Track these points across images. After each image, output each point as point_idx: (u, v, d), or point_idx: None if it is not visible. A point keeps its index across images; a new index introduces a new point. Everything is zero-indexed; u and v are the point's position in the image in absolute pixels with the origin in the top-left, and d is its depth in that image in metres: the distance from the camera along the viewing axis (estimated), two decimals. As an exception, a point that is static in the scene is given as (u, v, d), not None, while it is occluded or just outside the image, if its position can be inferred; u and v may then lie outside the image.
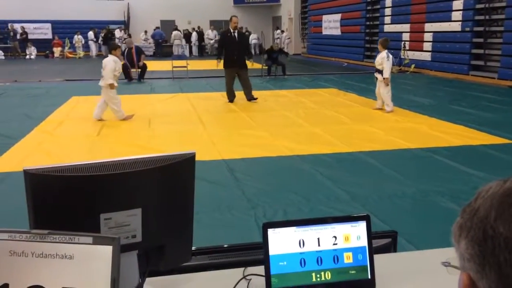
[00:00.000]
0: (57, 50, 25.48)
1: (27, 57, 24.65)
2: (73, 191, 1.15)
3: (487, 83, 13.01)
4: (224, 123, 8.04)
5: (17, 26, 25.49)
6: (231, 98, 10.11)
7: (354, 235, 1.34)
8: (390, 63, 8.75)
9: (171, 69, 14.57)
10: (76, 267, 0.99)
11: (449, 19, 14.74)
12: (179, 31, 26.51)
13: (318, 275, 1.31)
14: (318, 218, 1.35)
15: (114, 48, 8.29)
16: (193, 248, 1.43)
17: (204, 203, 3.98)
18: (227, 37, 10.15)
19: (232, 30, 10.06)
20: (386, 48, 8.78)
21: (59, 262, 0.99)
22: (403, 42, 16.69)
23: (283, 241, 1.30)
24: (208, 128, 7.46)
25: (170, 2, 28.07)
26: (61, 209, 1.15)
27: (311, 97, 10.65)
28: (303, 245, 1.31)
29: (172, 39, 26.03)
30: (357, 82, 13.43)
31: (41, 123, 7.82)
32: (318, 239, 1.32)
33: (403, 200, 4.30)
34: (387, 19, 18.31)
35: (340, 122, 7.91)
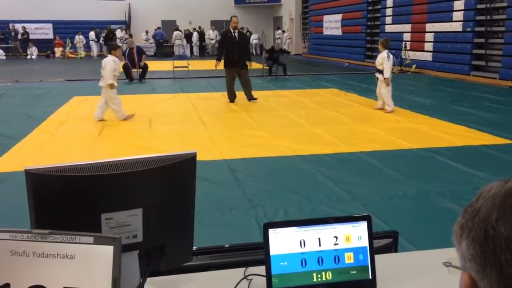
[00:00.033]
0: (58, 50, 25.52)
1: (28, 57, 24.69)
2: (74, 191, 1.15)
3: (488, 83, 13.00)
4: (225, 123, 8.04)
5: (19, 26, 25.52)
6: (231, 98, 10.11)
7: (355, 235, 1.34)
8: (390, 63, 8.75)
9: (172, 69, 14.58)
10: (77, 267, 0.99)
11: (450, 19, 14.73)
12: (180, 31, 26.52)
13: (319, 275, 1.31)
14: (319, 218, 1.35)
15: (114, 48, 8.30)
16: (194, 248, 1.43)
17: (205, 203, 3.98)
18: (227, 37, 10.14)
19: (232, 30, 10.06)
20: (387, 48, 8.78)
21: (60, 262, 1.00)
22: (404, 42, 16.67)
23: (284, 241, 1.30)
24: (209, 128, 7.46)
25: (171, 2, 28.10)
26: (62, 209, 1.15)
27: (312, 97, 10.64)
28: (304, 245, 1.31)
29: (173, 39, 26.05)
30: (358, 82, 13.43)
31: (42, 123, 7.83)
32: (319, 239, 1.32)
33: (404, 200, 4.30)
34: (388, 19, 18.30)
35: (341, 122, 7.91)
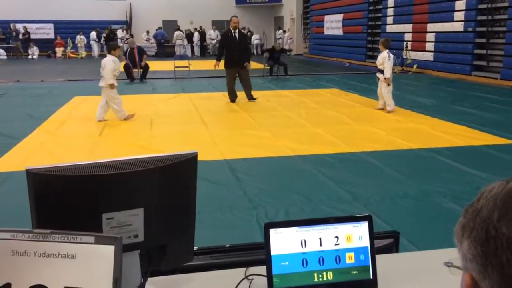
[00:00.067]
0: (59, 50, 25.53)
1: (30, 57, 24.70)
2: (75, 191, 1.15)
3: (490, 83, 12.99)
4: (226, 123, 8.04)
5: (20, 26, 25.54)
6: (232, 98, 10.11)
7: (356, 235, 1.34)
8: (391, 63, 8.75)
9: (173, 69, 14.58)
10: (78, 267, 0.99)
11: (451, 19, 14.71)
12: (181, 31, 26.53)
13: (320, 275, 1.31)
14: (320, 218, 1.35)
15: (113, 48, 8.31)
16: (195, 248, 1.43)
17: (206, 203, 3.98)
18: (228, 37, 10.15)
19: (232, 30, 10.06)
20: (387, 48, 8.79)
21: (61, 261, 1.00)
22: (405, 42, 16.66)
23: (285, 241, 1.30)
24: (210, 128, 7.46)
25: (172, 2, 28.11)
26: (64, 208, 1.15)
27: (313, 97, 10.64)
28: (305, 245, 1.31)
29: (174, 39, 26.05)
30: (359, 83, 13.42)
31: (43, 123, 7.83)
32: (320, 239, 1.32)
33: (405, 200, 4.30)
34: (389, 19, 18.28)
35: (342, 122, 7.90)
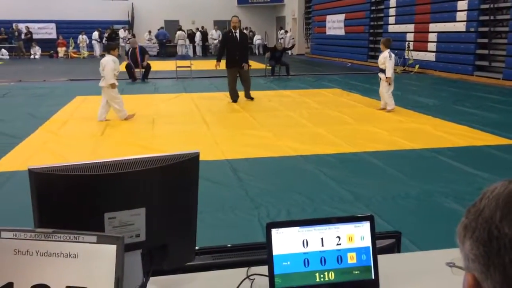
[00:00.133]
0: (61, 50, 25.57)
1: (32, 57, 24.75)
2: (77, 190, 1.15)
3: (492, 83, 12.97)
4: (227, 123, 8.04)
5: (22, 26, 25.59)
6: (234, 98, 10.11)
7: (357, 235, 1.34)
8: (392, 62, 8.75)
9: (175, 69, 14.59)
10: (80, 266, 1.00)
11: (453, 20, 14.69)
12: (183, 31, 26.55)
13: (321, 275, 1.31)
14: (322, 218, 1.35)
15: (112, 48, 8.34)
16: (197, 248, 1.43)
17: (207, 203, 3.98)
18: (228, 37, 10.17)
19: (233, 30, 10.07)
20: (389, 47, 8.79)
21: (63, 261, 1.00)
22: (407, 42, 16.64)
23: (286, 241, 1.30)
24: (211, 128, 7.46)
25: (174, 2, 28.12)
26: (66, 208, 1.15)
27: (314, 97, 10.64)
28: (307, 245, 1.31)
29: (176, 39, 26.07)
30: (361, 83, 13.41)
31: (45, 123, 7.84)
32: (321, 239, 1.32)
33: (407, 200, 4.29)
34: (391, 19, 18.26)
35: (344, 122, 7.90)
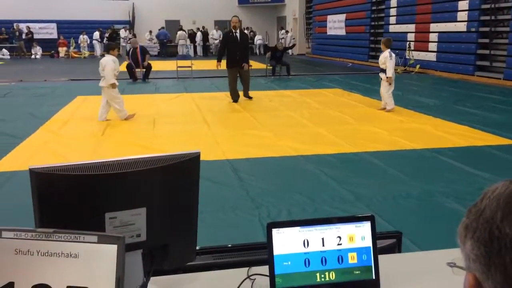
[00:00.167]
0: (62, 50, 25.59)
1: (33, 56, 24.77)
2: (78, 190, 1.15)
3: (493, 83, 12.96)
4: (228, 123, 8.04)
5: (23, 26, 25.61)
6: (235, 98, 10.12)
7: (358, 235, 1.34)
8: (393, 62, 8.75)
9: (175, 69, 14.59)
10: (81, 266, 1.00)
11: (454, 20, 14.68)
12: (184, 31, 26.55)
13: (322, 275, 1.31)
14: (323, 218, 1.34)
15: (112, 48, 8.35)
16: (197, 248, 1.43)
17: (208, 203, 3.98)
18: (229, 37, 10.18)
19: (234, 30, 10.08)
20: (389, 47, 8.79)
21: (64, 260, 1.00)
22: (408, 42, 16.63)
23: (287, 241, 1.30)
24: (212, 128, 7.46)
25: (175, 2, 28.13)
26: (67, 208, 1.15)
27: (315, 97, 10.64)
28: (308, 245, 1.31)
29: (177, 39, 26.08)
30: (362, 83, 13.41)
31: (46, 123, 7.85)
32: (322, 239, 1.31)
33: (408, 200, 4.29)
34: (392, 19, 18.26)
35: (345, 122, 7.90)
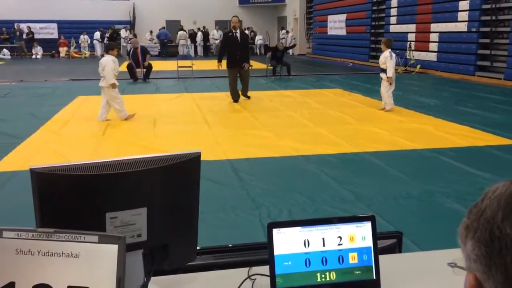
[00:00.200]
0: (63, 50, 25.60)
1: (33, 56, 24.78)
2: (79, 190, 1.15)
3: (493, 83, 12.95)
4: (228, 123, 8.04)
5: (23, 26, 25.62)
6: (235, 98, 10.12)
7: (359, 235, 1.33)
8: (393, 62, 8.75)
9: (176, 69, 14.59)
10: (82, 266, 1.00)
11: (455, 20, 14.68)
12: (185, 31, 26.56)
13: (323, 275, 1.31)
14: (323, 218, 1.34)
15: (111, 48, 8.36)
16: (198, 248, 1.43)
17: (208, 203, 3.98)
18: (229, 37, 10.18)
19: (234, 30, 10.08)
20: (390, 47, 8.79)
21: (65, 260, 1.00)
22: (408, 43, 16.63)
23: (288, 241, 1.30)
24: (213, 128, 7.46)
25: (175, 2, 28.14)
26: (67, 208, 1.15)
27: (316, 98, 10.63)
28: (308, 245, 1.31)
29: (177, 39, 26.09)
30: (362, 83, 13.40)
31: (47, 123, 7.85)
32: (323, 239, 1.31)
33: (408, 200, 4.29)
34: (393, 19, 18.25)
35: (345, 122, 7.90)
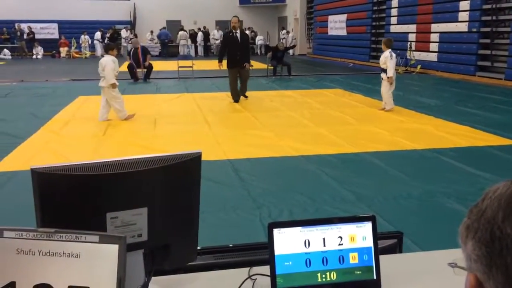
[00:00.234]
0: (63, 50, 25.62)
1: (34, 57, 24.80)
2: (80, 190, 1.15)
3: (494, 84, 12.95)
4: (229, 123, 8.04)
5: (24, 26, 25.63)
6: (235, 98, 10.12)
7: (359, 235, 1.34)
8: (393, 62, 8.75)
9: (176, 69, 14.60)
10: (82, 266, 1.00)
11: (455, 20, 14.67)
12: (185, 31, 26.57)
13: (323, 275, 1.31)
14: (324, 219, 1.34)
15: (111, 48, 8.37)
16: (198, 248, 1.43)
17: (209, 203, 3.99)
18: (229, 38, 10.19)
19: (234, 31, 10.08)
20: (390, 47, 8.79)
21: (65, 260, 1.00)
22: (409, 43, 16.62)
23: (288, 241, 1.30)
24: (213, 128, 7.46)
25: (176, 2, 28.15)
26: (68, 207, 1.15)
27: (316, 98, 10.63)
28: (309, 245, 1.31)
29: (178, 39, 26.09)
30: (363, 83, 13.40)
31: (47, 123, 7.86)
32: (323, 239, 1.31)
33: (409, 201, 4.29)
34: (393, 20, 18.25)
35: (346, 122, 7.89)
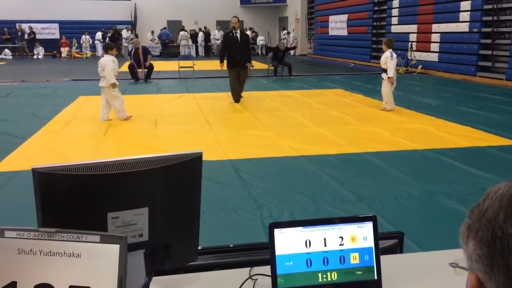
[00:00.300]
0: (64, 50, 25.64)
1: (35, 57, 24.82)
2: (81, 190, 1.16)
3: (495, 84, 12.94)
4: (230, 123, 8.04)
5: (25, 26, 25.65)
6: (236, 98, 10.12)
7: (360, 235, 1.34)
8: (394, 62, 8.74)
9: (177, 69, 14.60)
10: (83, 266, 1.00)
11: (456, 20, 14.67)
12: (186, 31, 26.58)
13: (324, 276, 1.31)
14: (325, 219, 1.35)
15: (110, 48, 8.37)
16: (199, 248, 1.43)
17: (210, 203, 3.99)
18: (229, 38, 10.19)
19: (234, 31, 10.08)
20: (391, 47, 8.79)
21: (66, 260, 1.00)
22: (410, 43, 16.62)
23: (289, 241, 1.30)
24: (214, 128, 7.47)
25: (177, 2, 28.16)
26: (69, 207, 1.15)
27: (317, 98, 10.63)
28: (310, 246, 1.31)
29: (178, 39, 26.10)
30: (364, 83, 13.40)
31: (48, 123, 7.86)
32: (324, 239, 1.31)
33: (410, 201, 4.29)
34: (394, 20, 18.24)
35: (346, 122, 7.89)
